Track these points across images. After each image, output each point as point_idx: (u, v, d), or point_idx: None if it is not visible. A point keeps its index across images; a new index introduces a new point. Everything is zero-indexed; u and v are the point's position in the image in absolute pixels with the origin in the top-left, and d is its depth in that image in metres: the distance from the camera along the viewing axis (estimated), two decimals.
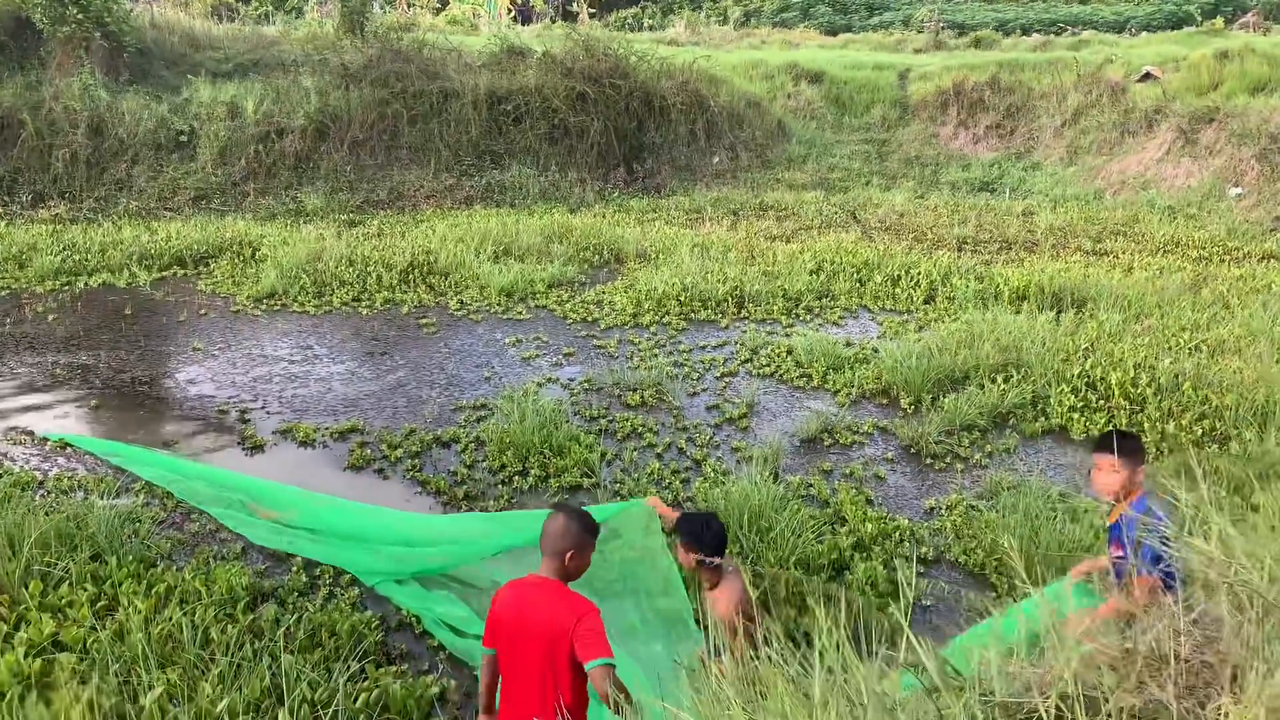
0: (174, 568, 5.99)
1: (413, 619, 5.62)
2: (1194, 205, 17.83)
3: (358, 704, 4.59)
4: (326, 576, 5.99)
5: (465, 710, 4.97)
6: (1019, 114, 24.66)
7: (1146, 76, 23.14)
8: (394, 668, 5.18)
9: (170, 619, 5.12)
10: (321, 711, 4.54)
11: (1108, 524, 4.15)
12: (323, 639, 5.24)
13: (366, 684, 4.82)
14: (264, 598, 5.81)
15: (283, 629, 5.21)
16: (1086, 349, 9.73)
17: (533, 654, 3.58)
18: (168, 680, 4.60)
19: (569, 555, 3.67)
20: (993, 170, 22.56)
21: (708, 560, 4.36)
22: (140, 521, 6.52)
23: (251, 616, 5.35)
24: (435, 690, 4.96)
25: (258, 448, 7.83)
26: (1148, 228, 16.46)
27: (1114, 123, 21.90)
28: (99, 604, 5.39)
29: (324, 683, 4.73)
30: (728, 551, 5.99)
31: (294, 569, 6.05)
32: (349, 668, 4.92)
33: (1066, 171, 21.63)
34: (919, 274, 12.82)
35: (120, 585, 5.55)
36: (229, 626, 5.17)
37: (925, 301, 12.23)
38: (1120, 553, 4.03)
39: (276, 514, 6.61)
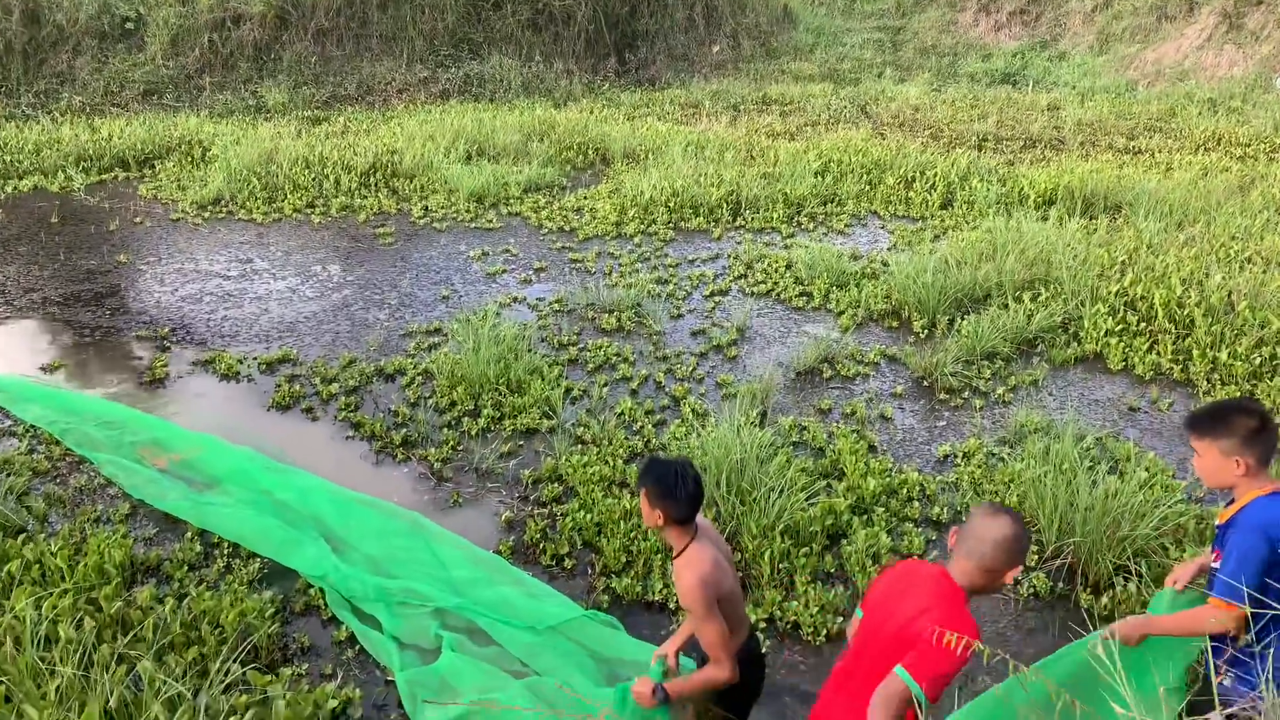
0: (44, 534, 5.04)
1: (320, 599, 4.68)
2: (1237, 97, 16.34)
3: None
4: (225, 546, 5.03)
5: None
6: None
7: None
8: (290, 669, 4.25)
9: (13, 610, 4.18)
10: None
11: (1217, 524, 3.13)
12: (203, 632, 4.29)
13: (243, 698, 3.88)
14: (147, 573, 4.88)
15: (150, 620, 4.27)
16: (1124, 262, 8.58)
17: (880, 649, 2.77)
18: None
19: (1008, 573, 2.71)
20: (1015, 60, 20.93)
21: (678, 521, 3.33)
22: (17, 474, 5.57)
23: (118, 604, 4.40)
24: (334, 704, 4.03)
25: (157, 382, 6.80)
26: (1186, 122, 15.06)
27: (1150, 6, 20.13)
28: None
29: (188, 698, 3.79)
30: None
31: (187, 535, 5.10)
32: (227, 673, 3.99)
33: (1096, 61, 20.00)
34: (935, 175, 11.57)
35: None
36: (87, 619, 4.23)
37: (942, 206, 11.03)
38: (1217, 561, 3.01)
39: (179, 456, 5.65)
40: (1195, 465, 3.12)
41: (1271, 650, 2.90)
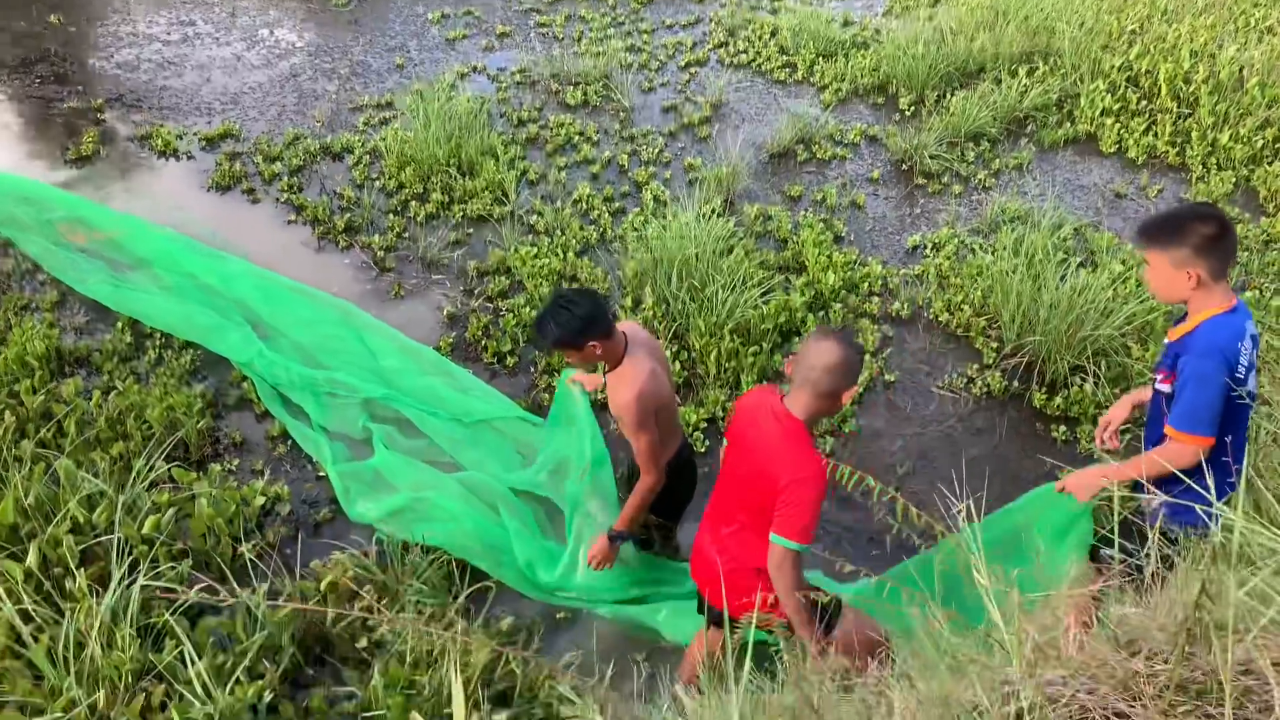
0: None
1: (254, 394, 4.56)
2: None
3: (144, 528, 3.61)
4: (158, 337, 4.87)
5: (302, 526, 4.03)
6: None
7: None
8: (219, 465, 4.20)
9: None
10: (102, 539, 3.58)
11: (1166, 341, 2.88)
12: (128, 427, 4.21)
13: (166, 495, 3.83)
14: (77, 364, 4.75)
15: (75, 414, 4.18)
16: (1133, 32, 7.94)
17: (740, 482, 2.87)
18: None
19: (844, 396, 2.72)
20: None
21: (607, 339, 3.18)
22: None
23: (41, 398, 4.29)
24: (262, 500, 3.99)
25: (86, 159, 6.39)
26: None
27: None
28: None
29: (110, 495, 3.74)
30: (646, 319, 4.85)
31: (117, 325, 4.92)
32: (152, 469, 3.93)
33: None
34: None
35: None
36: (8, 413, 4.13)
37: None
38: (1166, 385, 2.79)
39: (101, 235, 5.37)
40: (1146, 278, 2.85)
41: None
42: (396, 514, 3.93)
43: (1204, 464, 2.43)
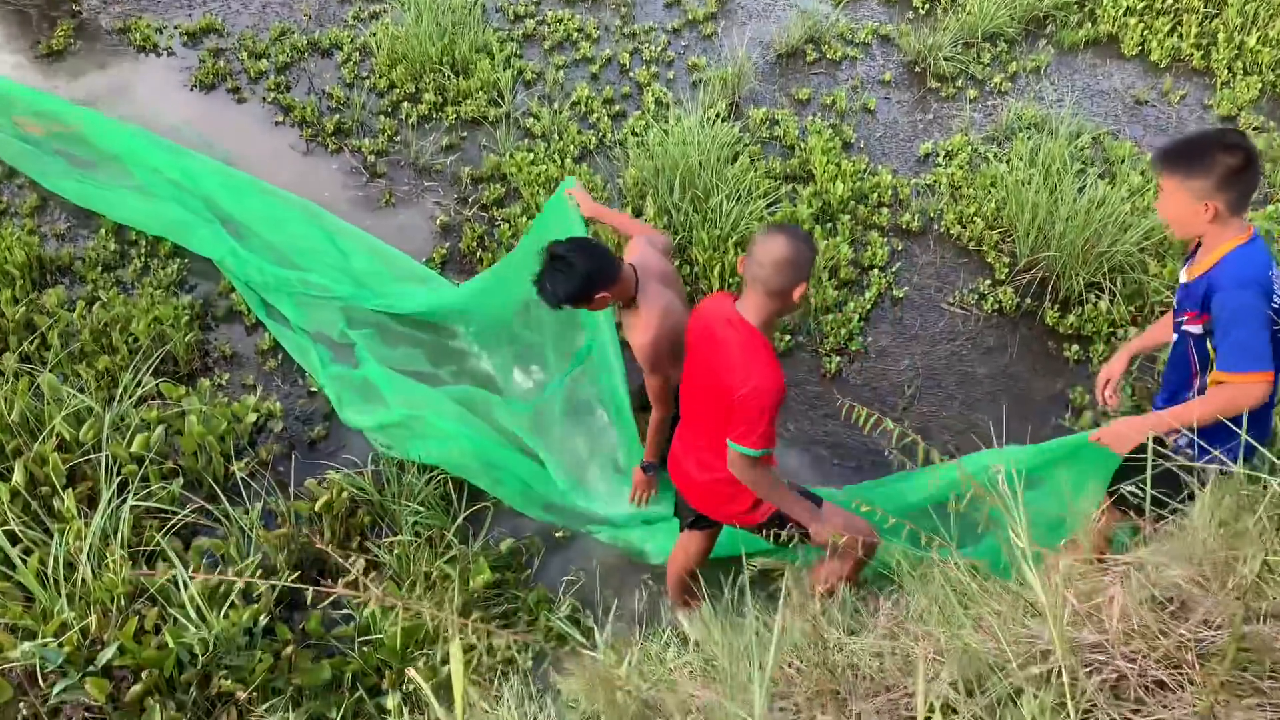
0: None
1: (244, 305, 4.42)
2: None
3: (133, 446, 3.52)
4: (143, 245, 4.71)
5: (296, 444, 3.93)
6: None
7: None
8: (209, 380, 4.08)
9: None
10: (91, 456, 3.49)
11: (1181, 280, 2.68)
12: (114, 340, 4.08)
13: (155, 411, 3.73)
14: (59, 274, 4.59)
15: (58, 327, 4.04)
16: None
17: (702, 392, 2.85)
18: None
19: (795, 292, 2.63)
20: None
21: (619, 283, 3.06)
22: None
23: (21, 309, 4.15)
24: (254, 417, 3.89)
25: (57, 54, 6.08)
26: None
27: None
28: None
29: (97, 411, 3.64)
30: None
31: (101, 230, 4.75)
32: (139, 384, 3.82)
33: None
34: None
35: None
36: None
37: None
38: (1196, 326, 2.59)
39: (60, 127, 5.10)
40: (1158, 207, 2.65)
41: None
42: (389, 428, 3.85)
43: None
